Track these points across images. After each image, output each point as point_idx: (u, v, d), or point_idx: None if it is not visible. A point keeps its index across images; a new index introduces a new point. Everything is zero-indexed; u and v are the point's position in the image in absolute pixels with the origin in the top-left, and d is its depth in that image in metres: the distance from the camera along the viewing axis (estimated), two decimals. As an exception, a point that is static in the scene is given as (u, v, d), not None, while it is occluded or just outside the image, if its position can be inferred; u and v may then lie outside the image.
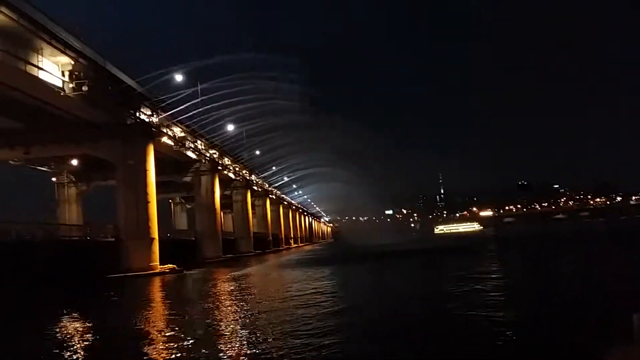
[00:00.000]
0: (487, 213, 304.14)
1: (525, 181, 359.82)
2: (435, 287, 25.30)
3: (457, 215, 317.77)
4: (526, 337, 13.03)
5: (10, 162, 54.94)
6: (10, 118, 43.80)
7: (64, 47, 36.87)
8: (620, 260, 32.77)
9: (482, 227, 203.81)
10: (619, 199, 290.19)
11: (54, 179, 64.58)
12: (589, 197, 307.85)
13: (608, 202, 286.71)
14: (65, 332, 18.11)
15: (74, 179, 64.70)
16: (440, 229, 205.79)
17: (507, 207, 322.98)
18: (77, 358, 13.65)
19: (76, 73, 39.01)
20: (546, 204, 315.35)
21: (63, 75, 38.51)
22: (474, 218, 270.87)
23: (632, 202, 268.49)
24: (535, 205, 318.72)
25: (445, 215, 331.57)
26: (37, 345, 16.06)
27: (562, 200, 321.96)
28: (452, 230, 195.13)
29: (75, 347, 15.07)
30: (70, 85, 38.81)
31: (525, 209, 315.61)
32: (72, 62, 38.48)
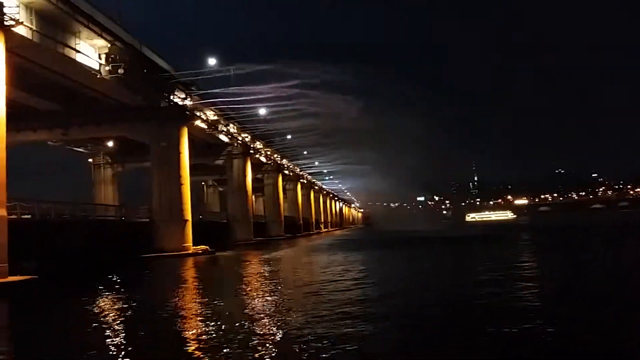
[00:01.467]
0: (522, 201, 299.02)
1: (563, 170, 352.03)
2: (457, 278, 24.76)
3: (491, 203, 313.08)
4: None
5: (49, 143, 56.40)
6: (49, 100, 44.93)
7: (101, 30, 37.38)
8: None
9: (515, 216, 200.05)
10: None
11: (90, 160, 66.05)
12: (629, 187, 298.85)
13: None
14: (102, 307, 18.65)
15: (110, 161, 66.02)
16: (472, 216, 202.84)
17: (542, 196, 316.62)
18: (114, 331, 14.01)
19: (112, 56, 39.46)
20: (583, 193, 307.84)
21: (100, 58, 39.08)
22: (508, 206, 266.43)
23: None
24: (572, 194, 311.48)
25: (478, 202, 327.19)
26: (78, 320, 16.56)
27: (600, 189, 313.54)
28: (484, 219, 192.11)
29: (111, 321, 15.53)
30: (107, 68, 39.34)
31: (561, 198, 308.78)
32: (109, 45, 38.97)
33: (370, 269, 30.79)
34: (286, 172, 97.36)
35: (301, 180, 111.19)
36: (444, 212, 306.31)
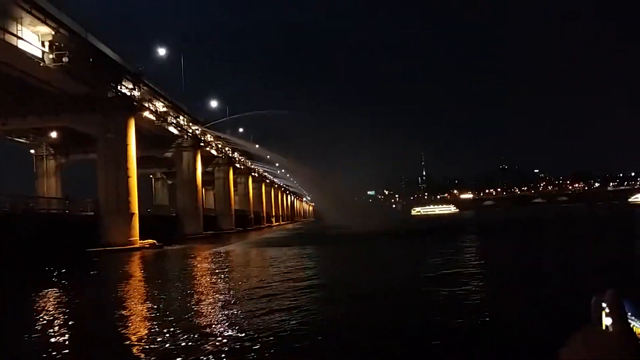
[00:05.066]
0: (468, 196, 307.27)
1: (506, 165, 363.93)
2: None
3: (439, 197, 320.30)
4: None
5: (-12, 133, 54.04)
6: (-12, 88, 43.03)
7: (45, 17, 36.09)
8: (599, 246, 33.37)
9: (457, 210, 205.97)
10: (596, 184, 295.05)
11: (32, 152, 63.60)
12: (568, 182, 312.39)
13: (586, 188, 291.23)
14: (41, 306, 18.17)
15: (53, 152, 63.78)
16: (417, 210, 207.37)
17: (487, 191, 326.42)
18: (52, 332, 13.72)
19: (56, 44, 38.20)
20: (525, 188, 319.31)
21: (43, 45, 37.75)
22: (454, 200, 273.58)
23: (609, 189, 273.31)
24: (515, 189, 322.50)
25: (426, 197, 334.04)
26: (12, 319, 16.13)
27: (541, 185, 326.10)
28: (428, 212, 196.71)
29: (50, 320, 15.19)
30: (51, 56, 38.05)
31: (504, 193, 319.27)
32: (53, 33, 37.70)
33: (313, 263, 31.29)
34: (237, 165, 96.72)
35: (252, 173, 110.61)
36: (393, 205, 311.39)
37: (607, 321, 1.06)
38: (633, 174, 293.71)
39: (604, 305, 1.07)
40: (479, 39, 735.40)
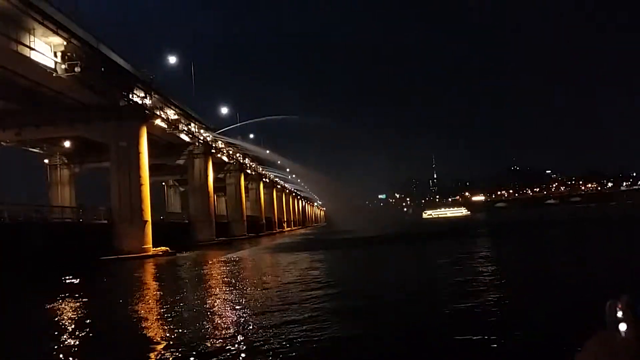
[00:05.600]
0: (480, 198, 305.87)
1: (518, 166, 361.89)
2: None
3: (450, 200, 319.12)
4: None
5: (2, 143, 54.59)
6: (2, 99, 43.53)
7: (57, 28, 36.50)
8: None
9: (469, 212, 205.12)
10: (609, 185, 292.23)
11: (46, 161, 64.21)
12: (581, 182, 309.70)
13: (599, 188, 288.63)
14: (55, 313, 18.26)
15: (66, 161, 64.37)
16: (428, 213, 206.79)
17: (499, 192, 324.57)
18: (65, 340, 13.74)
19: (68, 54, 38.57)
20: (538, 189, 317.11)
21: (55, 56, 38.12)
22: (466, 203, 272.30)
23: (622, 188, 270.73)
24: (527, 190, 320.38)
25: (437, 199, 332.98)
26: (24, 327, 16.20)
27: (554, 185, 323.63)
28: (440, 215, 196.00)
29: (63, 329, 15.24)
30: (63, 67, 38.41)
31: (517, 194, 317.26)
32: (65, 43, 38.08)
33: (326, 269, 31.26)
34: (248, 171, 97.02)
35: (263, 179, 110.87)
36: (405, 209, 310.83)
37: (621, 327, 1.02)
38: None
39: (618, 310, 1.05)
40: (482, 39, 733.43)
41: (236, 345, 11.64)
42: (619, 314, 1.04)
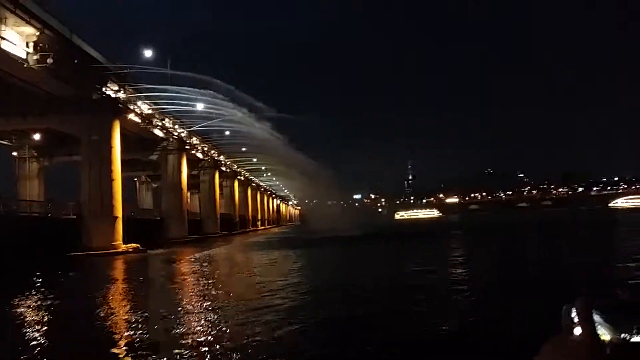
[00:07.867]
0: (453, 200, 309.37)
1: (492, 169, 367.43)
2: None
3: (424, 201, 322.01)
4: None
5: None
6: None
7: (29, 17, 35.67)
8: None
9: (441, 214, 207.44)
10: (580, 189, 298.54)
11: (15, 154, 62.64)
12: (552, 186, 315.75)
13: (570, 192, 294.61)
14: (18, 310, 17.85)
15: (35, 154, 62.89)
16: (401, 214, 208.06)
17: (472, 195, 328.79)
18: (28, 338, 13.40)
19: (41, 45, 37.77)
20: (510, 192, 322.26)
21: (27, 46, 37.31)
22: (440, 204, 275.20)
23: (592, 193, 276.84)
24: (500, 193, 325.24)
25: (412, 201, 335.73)
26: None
27: (526, 189, 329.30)
28: (411, 217, 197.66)
29: (27, 325, 14.89)
30: (35, 57, 37.60)
31: (490, 197, 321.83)
32: (37, 33, 37.26)
33: (298, 267, 31.25)
34: (223, 168, 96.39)
35: (238, 177, 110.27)
36: (379, 209, 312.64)
37: (576, 330, 1.04)
38: (616, 178, 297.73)
39: (573, 313, 1.04)
40: (467, 39, 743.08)
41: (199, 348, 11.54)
42: (575, 317, 1.06)
